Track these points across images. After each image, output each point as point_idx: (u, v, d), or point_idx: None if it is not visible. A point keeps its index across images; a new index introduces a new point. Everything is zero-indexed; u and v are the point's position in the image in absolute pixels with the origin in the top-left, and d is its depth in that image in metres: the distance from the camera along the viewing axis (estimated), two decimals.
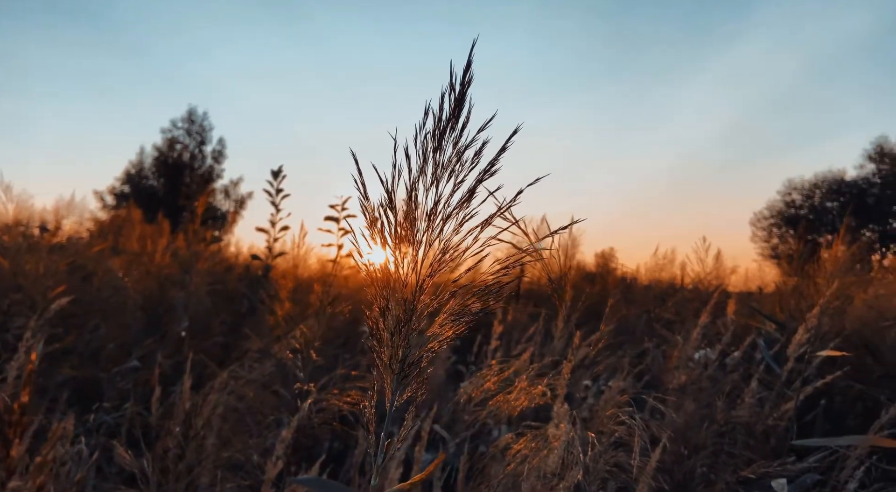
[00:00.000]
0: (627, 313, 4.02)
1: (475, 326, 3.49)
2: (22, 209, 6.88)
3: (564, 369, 1.36)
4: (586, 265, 7.69)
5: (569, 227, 0.75)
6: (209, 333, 2.88)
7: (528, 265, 4.48)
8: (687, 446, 1.64)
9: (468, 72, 0.61)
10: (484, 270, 0.62)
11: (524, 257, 0.64)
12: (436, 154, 0.60)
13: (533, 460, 0.97)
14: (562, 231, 0.72)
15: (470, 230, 0.60)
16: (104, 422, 2.00)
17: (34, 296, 2.37)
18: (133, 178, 21.47)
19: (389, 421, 0.59)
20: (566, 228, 0.68)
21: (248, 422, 1.65)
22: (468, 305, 0.60)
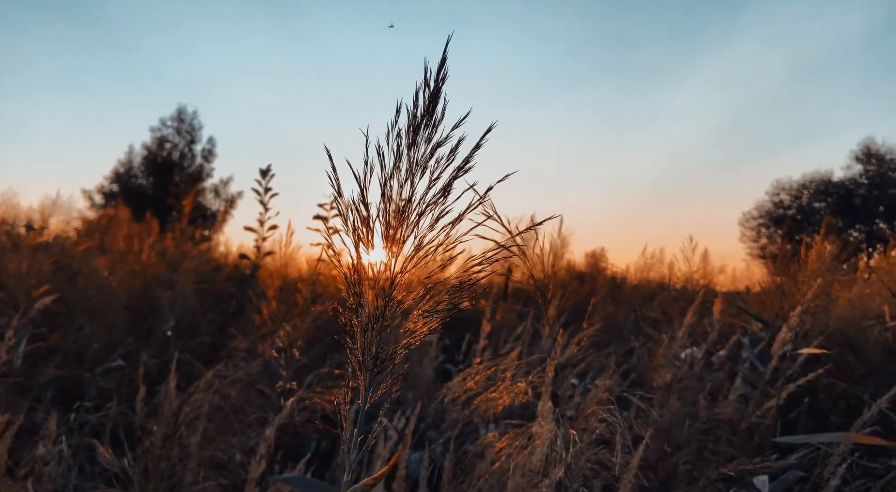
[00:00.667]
0: (615, 313, 4.04)
1: (464, 326, 3.50)
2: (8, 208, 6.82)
3: (548, 368, 1.36)
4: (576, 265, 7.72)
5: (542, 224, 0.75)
6: (196, 333, 2.87)
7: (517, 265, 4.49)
8: (670, 444, 1.65)
9: (443, 68, 0.61)
10: (460, 267, 0.62)
11: (499, 253, 0.64)
12: (410, 151, 0.60)
13: (517, 458, 0.97)
14: (536, 227, 0.72)
15: (444, 227, 0.60)
16: (88, 421, 1.98)
17: (17, 295, 2.35)
18: (122, 177, 21.31)
19: (363, 419, 0.59)
20: (540, 224, 0.68)
21: (232, 421, 1.64)
22: (442, 301, 0.60)
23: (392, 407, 2.45)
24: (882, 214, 19.57)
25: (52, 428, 1.63)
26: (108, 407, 1.92)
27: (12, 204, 6.77)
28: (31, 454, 1.68)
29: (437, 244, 0.60)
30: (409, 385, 2.60)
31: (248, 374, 2.11)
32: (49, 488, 1.39)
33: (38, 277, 2.51)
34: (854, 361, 2.38)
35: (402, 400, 2.62)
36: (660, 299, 2.97)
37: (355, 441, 0.59)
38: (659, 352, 2.01)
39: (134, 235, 4.06)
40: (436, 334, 3.01)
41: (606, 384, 2.26)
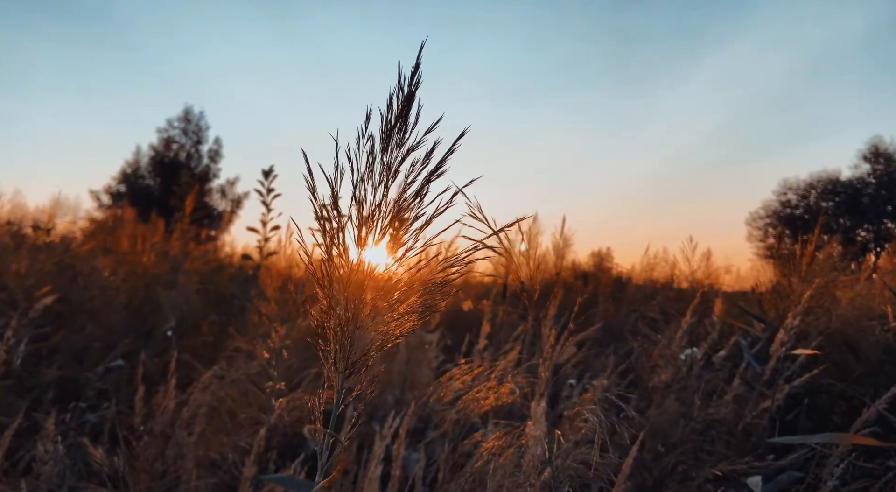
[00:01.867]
0: (617, 313, 4.04)
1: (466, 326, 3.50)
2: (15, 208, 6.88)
3: (541, 368, 1.37)
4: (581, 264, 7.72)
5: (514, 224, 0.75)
6: (198, 333, 2.88)
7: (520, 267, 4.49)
8: (665, 444, 1.65)
9: (417, 73, 0.62)
10: (433, 268, 0.63)
11: (477, 253, 0.64)
12: (383, 155, 0.61)
13: (499, 458, 0.98)
14: (508, 227, 0.73)
15: (416, 230, 0.60)
16: (87, 421, 2.00)
17: (17, 295, 2.37)
18: (129, 177, 21.45)
19: (335, 419, 0.60)
20: (513, 224, 0.68)
21: (226, 421, 1.66)
22: (415, 303, 0.61)
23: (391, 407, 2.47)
24: (890, 213, 19.41)
25: (50, 428, 1.65)
26: (106, 407, 1.93)
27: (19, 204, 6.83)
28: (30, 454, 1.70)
29: (410, 247, 0.60)
30: (409, 385, 2.61)
31: (247, 374, 2.13)
32: (44, 487, 1.41)
33: (38, 278, 2.53)
34: (853, 362, 2.37)
35: (401, 400, 2.63)
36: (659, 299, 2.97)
37: (327, 443, 0.59)
38: (655, 352, 2.01)
39: (138, 236, 4.08)
40: (436, 334, 3.02)
41: (603, 384, 2.27)
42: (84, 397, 2.17)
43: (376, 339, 0.59)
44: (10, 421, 1.56)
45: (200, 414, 1.75)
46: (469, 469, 0.97)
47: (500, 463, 0.96)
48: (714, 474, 1.47)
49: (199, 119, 22.15)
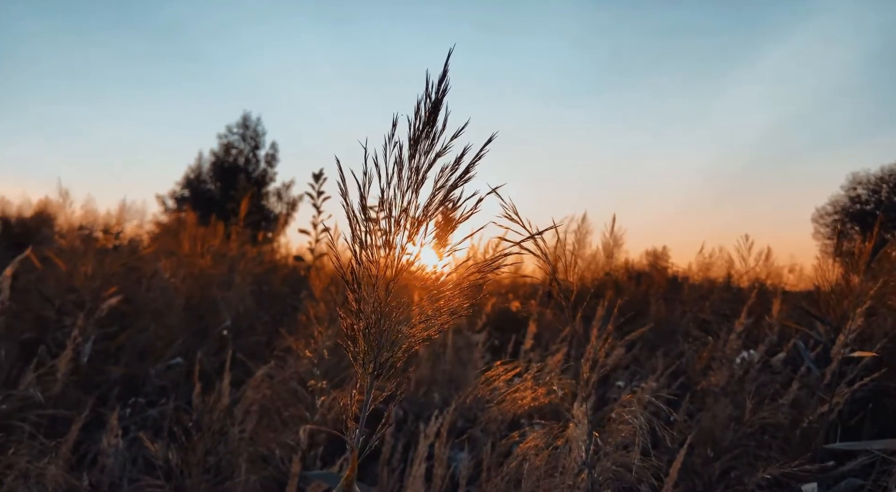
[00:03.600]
0: (670, 313, 3.94)
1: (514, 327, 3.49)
2: (87, 213, 7.28)
3: (583, 369, 1.36)
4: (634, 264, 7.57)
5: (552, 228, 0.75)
6: (252, 332, 2.98)
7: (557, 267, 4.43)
8: (715, 449, 1.60)
9: (444, 80, 0.63)
10: (460, 272, 0.64)
11: (502, 258, 0.65)
12: (411, 161, 0.62)
13: (535, 459, 0.98)
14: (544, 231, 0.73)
15: (443, 232, 0.61)
16: (149, 416, 2.11)
17: (85, 297, 2.52)
18: (192, 182, 22.33)
19: (364, 420, 0.62)
20: (549, 229, 0.68)
21: (275, 419, 1.71)
22: (442, 306, 0.62)
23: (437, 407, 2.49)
24: None
25: (113, 423, 1.74)
26: (164, 403, 2.03)
27: (91, 210, 7.23)
28: (96, 447, 1.81)
29: (438, 250, 0.62)
30: (456, 385, 2.62)
31: (298, 372, 2.19)
32: (106, 480, 1.49)
33: (105, 280, 2.67)
34: None
35: (448, 400, 2.65)
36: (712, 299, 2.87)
37: (358, 442, 0.61)
38: (704, 354, 1.96)
39: (198, 239, 4.26)
40: (483, 335, 3.02)
41: (652, 386, 2.23)
42: (144, 394, 2.29)
43: (404, 341, 0.61)
44: (77, 416, 1.66)
45: (252, 412, 1.82)
46: (505, 470, 0.98)
47: (536, 464, 0.96)
48: (767, 479, 1.42)
49: (256, 125, 22.86)
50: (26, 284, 2.92)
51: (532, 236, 0.82)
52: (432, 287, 0.62)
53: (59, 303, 2.48)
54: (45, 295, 2.62)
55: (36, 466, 1.30)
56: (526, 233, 0.91)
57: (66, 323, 2.37)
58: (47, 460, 1.35)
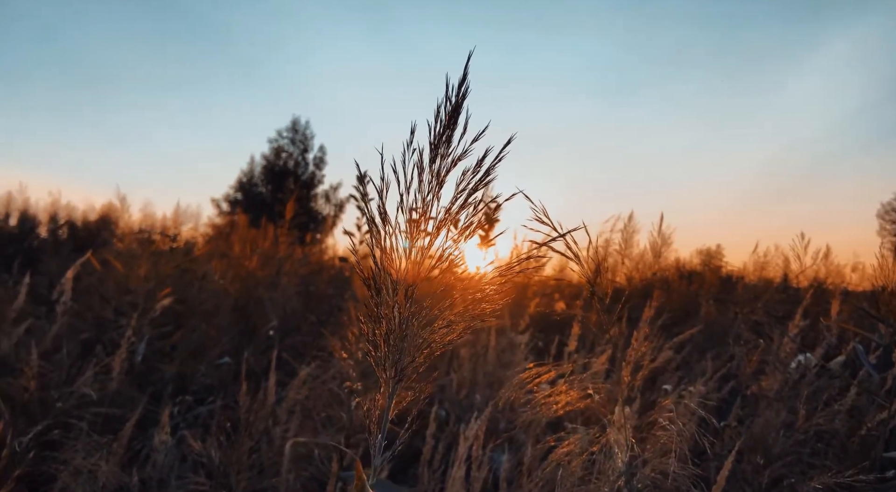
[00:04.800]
0: (721, 314, 3.81)
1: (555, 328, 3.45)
2: (146, 217, 7.60)
3: (623, 372, 1.32)
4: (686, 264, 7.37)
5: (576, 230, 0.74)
6: (298, 333, 3.05)
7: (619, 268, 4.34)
8: (766, 456, 1.53)
9: (464, 83, 0.62)
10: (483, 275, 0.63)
11: (526, 263, 0.64)
12: (431, 165, 0.62)
13: (571, 464, 0.96)
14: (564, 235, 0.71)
15: (461, 238, 0.61)
16: (199, 414, 2.18)
17: (140, 297, 2.62)
18: (244, 185, 23.00)
19: (386, 423, 0.62)
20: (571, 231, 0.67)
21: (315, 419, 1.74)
22: (464, 310, 0.62)
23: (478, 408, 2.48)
24: None
25: (164, 420, 1.81)
26: (212, 401, 2.09)
27: (150, 214, 7.54)
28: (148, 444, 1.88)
29: (457, 255, 0.61)
30: (497, 387, 2.61)
31: (340, 373, 2.22)
32: (155, 476, 1.55)
33: (159, 281, 2.78)
34: None
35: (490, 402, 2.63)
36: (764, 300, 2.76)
37: (380, 446, 0.61)
38: (754, 358, 1.88)
39: (247, 241, 4.38)
40: (526, 336, 3.00)
41: (701, 390, 2.15)
42: (193, 392, 2.36)
43: (424, 345, 0.61)
44: (130, 414, 1.74)
45: (295, 411, 1.86)
46: (539, 474, 0.96)
47: (572, 470, 0.94)
48: (820, 488, 1.35)
49: (305, 128, 23.38)
50: (87, 286, 3.06)
51: (561, 236, 0.80)
52: (455, 291, 0.62)
53: (115, 303, 2.59)
54: (103, 296, 2.74)
55: (89, 462, 1.36)
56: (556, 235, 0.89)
57: (122, 323, 2.47)
58: (99, 456, 1.41)
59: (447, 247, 0.61)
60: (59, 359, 2.30)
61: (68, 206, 7.41)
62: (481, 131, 0.61)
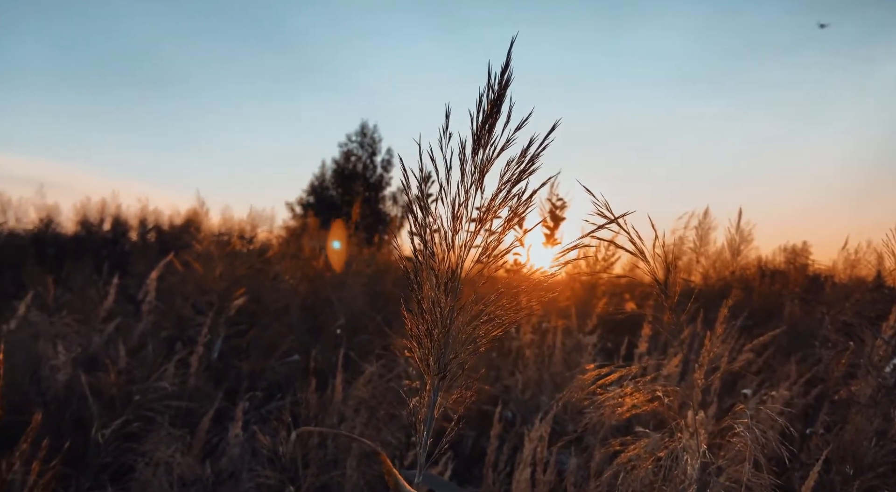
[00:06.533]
0: (807, 315, 3.57)
1: (625, 329, 3.34)
2: (225, 220, 7.97)
3: (696, 374, 1.26)
4: (768, 262, 7.00)
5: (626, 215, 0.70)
6: (364, 331, 3.10)
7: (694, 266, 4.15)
8: (857, 466, 1.41)
9: (507, 72, 0.60)
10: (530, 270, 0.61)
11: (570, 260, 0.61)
12: (474, 156, 0.60)
13: (635, 471, 0.91)
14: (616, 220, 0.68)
15: (505, 230, 0.59)
16: (270, 409, 2.25)
17: (216, 297, 2.74)
18: (316, 189, 23.72)
19: (432, 422, 0.60)
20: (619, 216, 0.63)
21: (379, 417, 1.75)
22: (509, 304, 0.59)
23: (544, 410, 2.43)
24: None
25: (238, 415, 1.88)
26: (281, 397, 2.15)
27: (228, 217, 7.90)
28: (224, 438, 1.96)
29: (503, 248, 0.59)
30: (562, 389, 2.55)
31: (406, 371, 2.23)
32: (227, 469, 1.60)
33: (234, 281, 2.90)
34: None
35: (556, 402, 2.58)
36: (853, 300, 2.55)
37: (425, 444, 0.60)
38: (844, 361, 1.74)
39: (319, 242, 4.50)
40: (594, 337, 2.91)
41: (784, 395, 2.02)
42: (264, 389, 2.44)
43: (469, 341, 0.59)
44: (207, 408, 1.81)
45: (360, 409, 1.88)
46: (602, 479, 0.92)
47: (637, 476, 0.90)
48: None
49: (373, 132, 23.86)
50: (169, 286, 3.24)
51: (613, 221, 0.76)
52: (499, 285, 0.60)
53: (194, 302, 2.72)
54: (183, 295, 2.89)
55: (166, 454, 1.43)
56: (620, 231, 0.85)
57: (200, 321, 2.59)
58: (175, 448, 1.48)
59: (491, 239, 0.59)
60: (143, 356, 2.44)
61: (155, 211, 7.89)
62: (524, 119, 0.59)
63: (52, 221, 7.10)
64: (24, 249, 5.77)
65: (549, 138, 0.58)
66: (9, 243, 6.24)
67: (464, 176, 0.59)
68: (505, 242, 0.59)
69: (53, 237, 6.96)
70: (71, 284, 3.59)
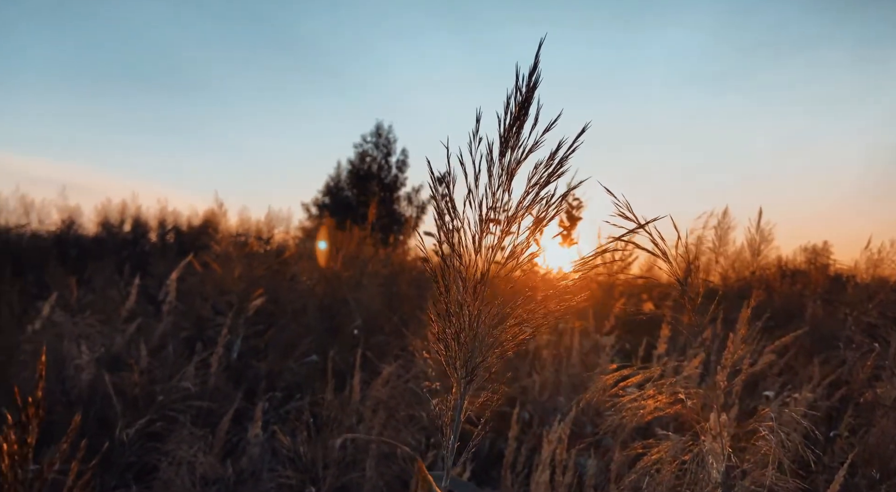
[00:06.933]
0: (829, 316, 3.52)
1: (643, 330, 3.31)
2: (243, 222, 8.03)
3: (718, 376, 1.24)
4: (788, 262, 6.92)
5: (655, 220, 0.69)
6: (381, 332, 3.11)
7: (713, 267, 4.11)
8: (883, 469, 1.39)
9: (535, 73, 0.60)
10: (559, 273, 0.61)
11: (602, 258, 0.60)
12: (501, 158, 0.60)
13: (659, 473, 0.90)
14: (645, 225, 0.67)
15: (534, 233, 0.58)
16: (289, 409, 2.26)
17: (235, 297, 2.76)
18: (332, 190, 23.84)
19: (459, 425, 0.60)
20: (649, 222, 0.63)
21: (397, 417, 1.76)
22: (536, 308, 0.59)
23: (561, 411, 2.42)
24: None
25: (257, 415, 1.89)
26: (300, 397, 2.16)
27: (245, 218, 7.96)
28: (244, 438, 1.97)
29: (530, 252, 0.59)
30: (581, 390, 2.54)
31: (423, 372, 2.23)
32: (248, 468, 1.61)
33: (252, 282, 2.92)
34: None
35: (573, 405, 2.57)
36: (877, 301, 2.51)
37: (453, 447, 0.60)
38: (868, 363, 1.71)
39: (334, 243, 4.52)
40: (611, 338, 2.89)
41: (807, 398, 1.99)
42: (283, 388, 2.46)
43: (496, 344, 0.59)
44: (227, 408, 1.83)
45: (378, 410, 1.89)
46: (625, 482, 0.91)
47: (661, 479, 0.89)
48: None
49: (388, 133, 23.92)
50: (189, 287, 3.27)
51: (641, 226, 0.76)
52: (527, 288, 0.60)
53: (213, 303, 2.75)
54: (202, 296, 2.92)
55: (189, 454, 1.44)
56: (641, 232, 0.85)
57: (220, 321, 2.61)
58: (197, 448, 1.49)
59: (518, 243, 0.59)
60: (164, 355, 2.47)
61: (174, 212, 7.97)
62: (553, 121, 0.59)
63: (74, 222, 7.21)
64: (46, 251, 5.87)
65: (579, 141, 0.58)
66: (32, 245, 6.35)
67: (491, 178, 0.59)
68: (532, 246, 0.58)
69: (75, 238, 7.07)
70: (93, 284, 3.64)
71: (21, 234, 6.81)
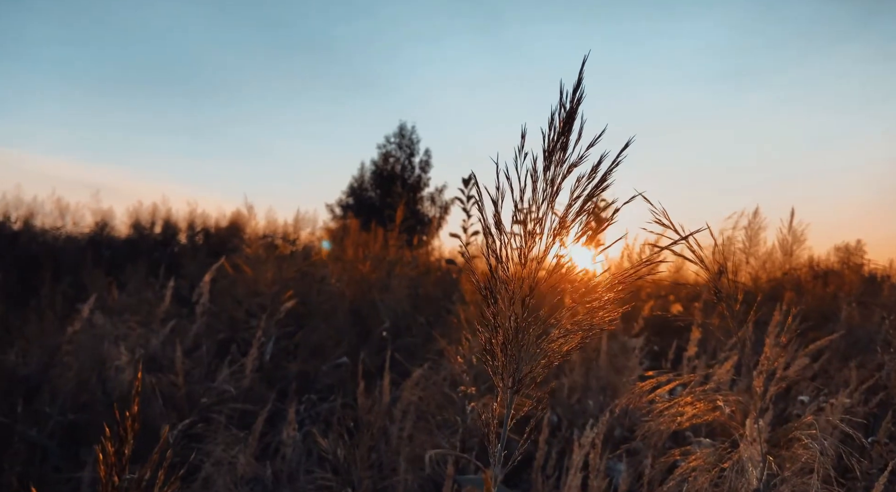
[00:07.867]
0: (865, 319, 3.44)
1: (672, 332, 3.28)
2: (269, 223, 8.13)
3: (755, 381, 1.24)
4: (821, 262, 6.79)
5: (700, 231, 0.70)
6: (409, 334, 3.13)
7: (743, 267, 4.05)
8: None
9: (579, 89, 0.61)
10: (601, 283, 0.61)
11: (644, 270, 0.61)
12: (545, 172, 0.61)
13: (699, 480, 0.91)
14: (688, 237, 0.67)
15: (577, 246, 0.59)
16: (321, 411, 2.30)
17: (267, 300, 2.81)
18: (356, 190, 24.00)
19: (506, 434, 0.61)
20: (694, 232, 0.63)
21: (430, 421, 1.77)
22: (582, 319, 0.60)
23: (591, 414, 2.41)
24: None
25: (291, 416, 1.93)
26: (332, 399, 2.19)
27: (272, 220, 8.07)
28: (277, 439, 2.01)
29: (572, 263, 0.60)
30: (611, 392, 2.53)
31: (452, 375, 2.25)
32: (285, 469, 1.65)
33: (283, 284, 2.97)
34: None
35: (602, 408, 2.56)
36: None
37: (500, 456, 0.61)
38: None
39: (359, 244, 4.57)
40: (640, 340, 2.88)
41: (844, 403, 1.96)
42: (316, 390, 2.50)
43: (541, 355, 0.60)
44: (261, 409, 1.87)
45: (409, 412, 1.91)
46: (664, 489, 0.92)
47: (699, 487, 0.89)
48: None
49: (411, 133, 23.99)
50: (221, 288, 3.34)
51: (684, 239, 0.76)
52: (572, 300, 0.61)
53: (246, 305, 2.80)
54: (235, 298, 2.98)
55: (229, 454, 1.48)
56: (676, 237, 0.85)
57: (253, 324, 2.66)
58: (238, 449, 1.53)
59: (563, 255, 0.60)
60: (198, 356, 2.53)
61: (203, 214, 8.11)
62: (597, 136, 0.60)
63: (107, 224, 7.39)
64: (81, 252, 6.02)
65: (622, 155, 0.59)
66: (67, 246, 6.52)
67: (535, 193, 0.61)
68: (577, 258, 0.60)
69: (108, 240, 7.24)
70: (128, 286, 3.73)
71: (57, 236, 7.00)
